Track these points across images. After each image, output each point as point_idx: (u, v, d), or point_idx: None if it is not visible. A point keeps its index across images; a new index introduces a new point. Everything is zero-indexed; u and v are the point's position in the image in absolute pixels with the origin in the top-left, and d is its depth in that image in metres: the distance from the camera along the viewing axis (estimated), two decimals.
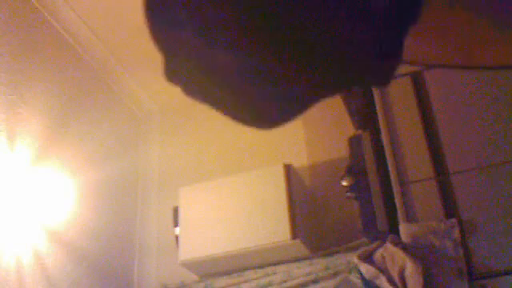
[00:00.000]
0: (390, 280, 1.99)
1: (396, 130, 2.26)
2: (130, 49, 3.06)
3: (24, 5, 2.67)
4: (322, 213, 2.77)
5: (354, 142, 2.39)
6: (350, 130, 2.56)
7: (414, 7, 0.45)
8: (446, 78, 2.31)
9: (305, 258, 2.51)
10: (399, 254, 1.99)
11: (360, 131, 2.41)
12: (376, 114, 2.31)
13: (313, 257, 2.51)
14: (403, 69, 2.37)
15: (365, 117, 2.39)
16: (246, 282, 2.52)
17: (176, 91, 0.50)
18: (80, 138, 2.82)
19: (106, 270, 2.80)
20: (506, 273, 1.91)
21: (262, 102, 0.50)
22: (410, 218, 2.07)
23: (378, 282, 2.03)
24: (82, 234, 2.68)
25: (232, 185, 2.64)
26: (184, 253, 2.56)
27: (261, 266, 2.55)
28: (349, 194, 2.34)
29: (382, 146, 2.24)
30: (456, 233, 1.98)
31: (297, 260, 2.52)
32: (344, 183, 2.35)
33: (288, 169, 2.59)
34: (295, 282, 2.41)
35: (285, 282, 2.44)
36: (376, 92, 2.34)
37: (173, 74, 0.49)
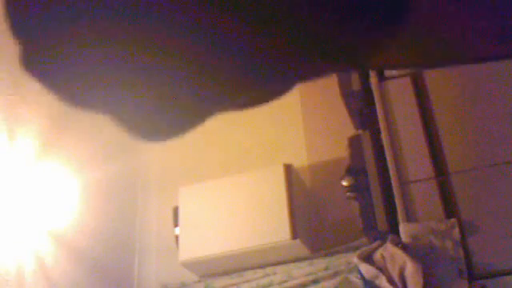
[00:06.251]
0: (390, 280, 1.99)
1: (396, 130, 2.26)
2: None
3: None
4: (322, 213, 2.77)
5: (354, 142, 2.39)
6: (350, 130, 2.56)
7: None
8: (446, 77, 2.31)
9: (305, 258, 2.51)
10: (399, 254, 1.99)
11: (360, 131, 2.41)
12: (376, 114, 2.31)
13: (313, 257, 2.51)
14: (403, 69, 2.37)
15: (365, 117, 2.39)
16: (245, 282, 2.52)
17: None
18: (80, 138, 2.82)
19: (106, 270, 2.80)
20: (506, 273, 1.91)
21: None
22: (410, 218, 2.07)
23: (377, 282, 2.03)
24: (81, 234, 2.67)
25: (232, 185, 2.64)
26: (184, 253, 2.56)
27: (261, 266, 2.55)
28: (349, 193, 2.34)
29: (382, 146, 2.24)
30: (456, 233, 1.98)
31: (297, 260, 2.51)
32: (344, 183, 2.35)
33: (288, 169, 2.58)
34: (295, 282, 2.41)
35: (285, 282, 2.44)
36: (376, 92, 2.34)
37: (35, 63, 0.33)
